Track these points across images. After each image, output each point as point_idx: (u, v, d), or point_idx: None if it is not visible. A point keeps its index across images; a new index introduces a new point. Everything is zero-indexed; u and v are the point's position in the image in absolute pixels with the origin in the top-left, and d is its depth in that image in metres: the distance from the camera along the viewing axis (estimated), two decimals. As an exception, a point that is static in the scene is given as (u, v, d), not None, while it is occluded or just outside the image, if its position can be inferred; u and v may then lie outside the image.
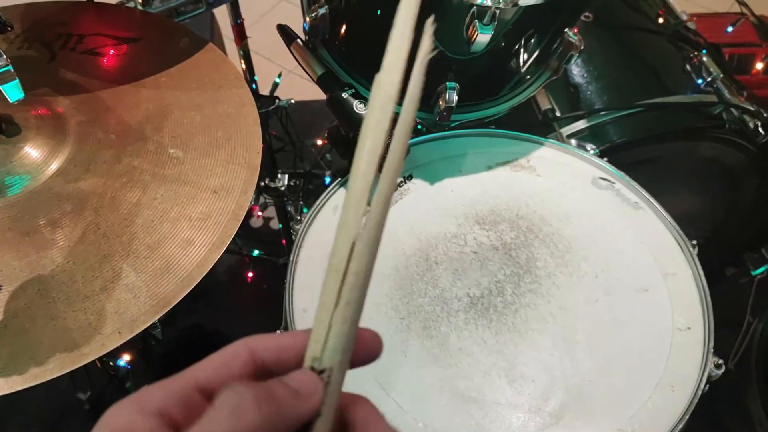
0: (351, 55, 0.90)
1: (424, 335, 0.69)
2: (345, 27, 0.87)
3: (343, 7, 0.85)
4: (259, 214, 1.58)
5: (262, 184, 1.29)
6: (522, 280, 0.74)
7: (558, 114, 1.07)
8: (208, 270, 0.61)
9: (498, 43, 0.80)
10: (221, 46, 1.47)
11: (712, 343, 0.69)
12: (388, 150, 0.27)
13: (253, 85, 1.23)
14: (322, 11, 0.84)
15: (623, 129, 1.04)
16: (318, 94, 0.81)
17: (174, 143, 0.71)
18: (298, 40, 0.86)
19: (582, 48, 0.85)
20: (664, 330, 0.71)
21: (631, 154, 1.03)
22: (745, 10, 1.29)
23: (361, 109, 0.75)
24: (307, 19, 0.85)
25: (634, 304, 0.73)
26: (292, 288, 0.73)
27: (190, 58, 0.81)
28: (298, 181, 1.37)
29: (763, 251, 1.12)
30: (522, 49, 0.85)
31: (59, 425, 1.28)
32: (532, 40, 0.84)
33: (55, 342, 0.56)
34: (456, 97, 0.82)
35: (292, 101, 1.24)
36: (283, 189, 1.30)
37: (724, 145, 1.06)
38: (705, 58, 1.11)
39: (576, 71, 1.12)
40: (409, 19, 0.27)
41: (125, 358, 1.10)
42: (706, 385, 0.67)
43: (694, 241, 0.78)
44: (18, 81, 0.64)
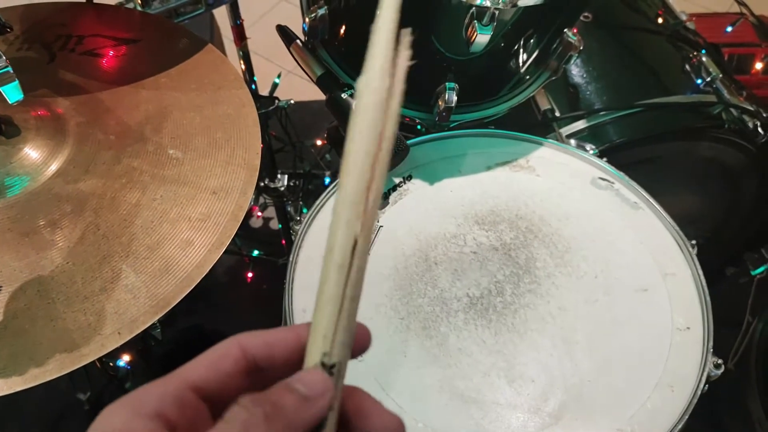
0: (350, 55, 0.90)
1: (423, 335, 0.69)
2: (344, 27, 0.87)
3: (343, 7, 0.85)
4: (259, 214, 1.58)
5: (262, 184, 1.29)
6: (521, 280, 0.74)
7: (557, 114, 1.07)
8: (208, 270, 0.61)
9: (497, 43, 0.80)
10: (221, 47, 1.47)
11: (711, 343, 0.69)
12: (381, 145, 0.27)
13: (253, 86, 1.23)
14: (322, 12, 0.84)
15: (623, 129, 1.04)
16: (317, 95, 0.81)
17: (173, 144, 0.71)
18: (298, 41, 0.86)
19: (581, 48, 0.85)
20: (664, 330, 0.71)
21: (630, 154, 1.03)
22: (744, 10, 1.29)
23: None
24: (307, 19, 0.85)
25: (634, 304, 0.73)
26: (292, 288, 0.73)
27: (189, 59, 0.81)
28: (297, 182, 1.37)
29: (763, 251, 1.13)
30: (521, 50, 0.85)
31: (59, 426, 1.28)
32: (532, 41, 0.84)
33: (54, 343, 0.56)
34: (455, 98, 0.82)
35: (292, 102, 1.24)
36: (282, 189, 1.30)
37: (723, 145, 1.06)
38: (704, 58, 1.11)
39: (575, 71, 1.12)
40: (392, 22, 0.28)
41: (125, 359, 1.10)
42: (705, 385, 0.67)
43: (694, 241, 0.78)
44: (17, 82, 0.65)
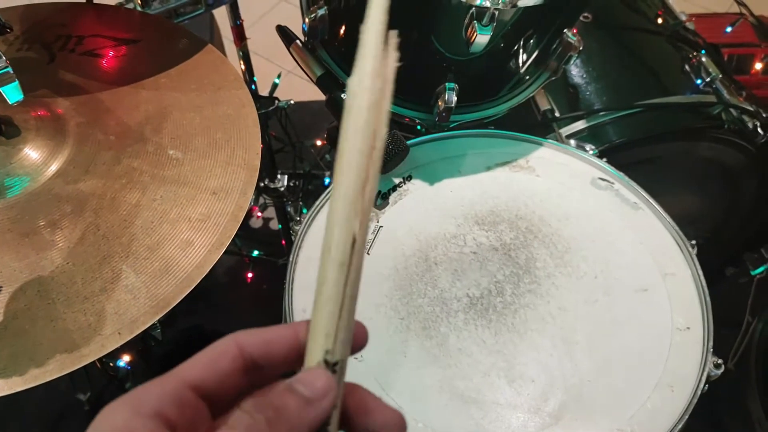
0: (350, 56, 0.89)
1: (423, 336, 0.69)
2: (344, 28, 0.87)
3: (343, 8, 0.85)
4: (259, 214, 1.58)
5: (262, 184, 1.29)
6: (521, 280, 0.74)
7: (557, 114, 1.07)
8: (208, 271, 0.61)
9: (497, 43, 0.80)
10: (220, 47, 1.47)
11: (711, 343, 0.69)
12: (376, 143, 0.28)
13: (253, 86, 1.23)
14: (322, 12, 0.84)
15: (622, 129, 1.04)
16: (317, 95, 0.82)
17: (173, 144, 0.71)
18: (298, 41, 0.86)
19: (581, 48, 0.85)
20: (664, 330, 0.71)
21: (630, 154, 1.03)
22: (744, 11, 1.29)
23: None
24: (307, 20, 0.85)
25: (634, 304, 0.73)
26: (292, 288, 0.73)
27: (189, 59, 0.81)
28: (297, 182, 1.37)
29: (763, 251, 1.13)
30: (521, 50, 0.85)
31: (59, 426, 1.28)
32: (531, 41, 0.84)
33: (54, 343, 0.56)
34: (455, 98, 0.82)
35: (292, 102, 1.24)
36: (282, 189, 1.30)
37: (723, 146, 1.06)
38: (704, 59, 1.12)
39: (575, 72, 1.12)
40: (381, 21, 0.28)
41: (125, 359, 1.10)
42: (705, 385, 0.67)
43: (694, 241, 0.78)
44: (17, 82, 0.64)
